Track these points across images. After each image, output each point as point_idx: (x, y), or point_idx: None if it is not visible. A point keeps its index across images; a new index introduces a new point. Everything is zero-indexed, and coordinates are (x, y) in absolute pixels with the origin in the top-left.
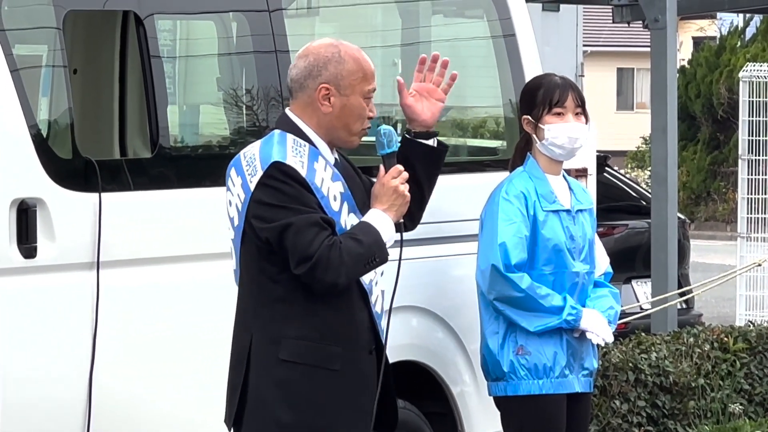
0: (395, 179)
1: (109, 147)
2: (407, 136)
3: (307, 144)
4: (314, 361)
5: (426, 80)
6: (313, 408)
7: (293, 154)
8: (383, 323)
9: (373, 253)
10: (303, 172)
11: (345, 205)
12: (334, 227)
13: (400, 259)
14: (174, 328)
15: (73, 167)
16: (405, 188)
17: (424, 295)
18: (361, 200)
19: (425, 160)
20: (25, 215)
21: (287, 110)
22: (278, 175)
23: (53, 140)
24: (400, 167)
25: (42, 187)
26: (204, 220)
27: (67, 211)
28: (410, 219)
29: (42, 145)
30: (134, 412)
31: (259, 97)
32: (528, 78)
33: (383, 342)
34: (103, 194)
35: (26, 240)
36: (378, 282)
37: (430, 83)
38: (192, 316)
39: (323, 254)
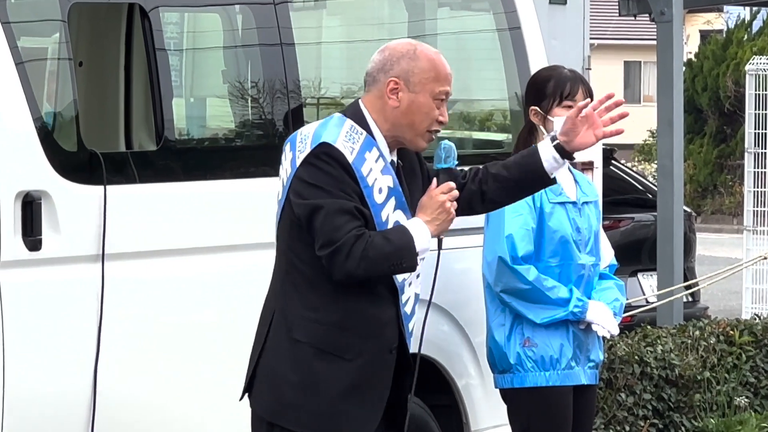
0: (444, 194)
1: (115, 140)
2: (549, 138)
3: (364, 132)
4: (327, 346)
5: (599, 114)
6: (320, 393)
7: (345, 138)
8: (410, 325)
9: (402, 257)
10: (350, 158)
11: (392, 200)
12: (367, 219)
13: (435, 274)
14: (179, 321)
15: (78, 160)
16: (452, 206)
17: (429, 288)
18: (414, 202)
19: (532, 172)
20: (30, 208)
21: (359, 99)
22: (323, 156)
23: (58, 133)
24: (452, 184)
25: (47, 179)
26: (210, 213)
27: (72, 203)
28: (481, 201)
29: (47, 137)
30: (139, 405)
31: (264, 89)
32: (534, 71)
33: (407, 343)
34: (108, 187)
35: (31, 232)
36: (412, 283)
37: (599, 118)
38: (197, 309)
39: (348, 242)
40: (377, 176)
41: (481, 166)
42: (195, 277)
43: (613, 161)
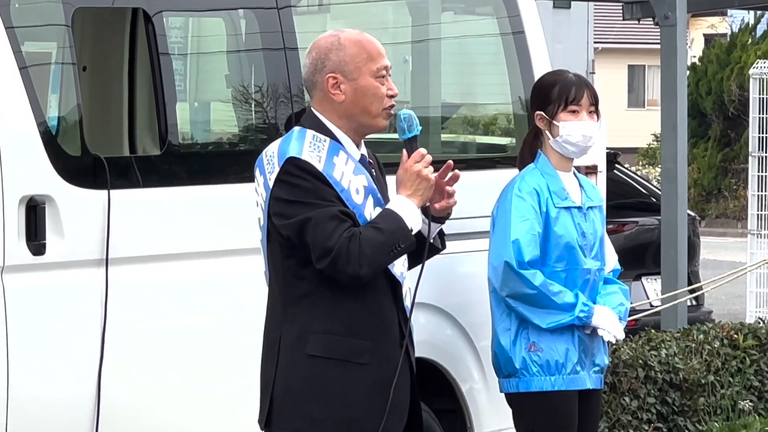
0: (418, 163)
1: (118, 144)
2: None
3: (328, 139)
4: (342, 354)
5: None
6: (343, 402)
7: (310, 149)
8: (412, 318)
9: (397, 239)
10: (320, 166)
11: (370, 199)
12: (354, 219)
13: (425, 252)
14: (183, 326)
15: (82, 164)
16: (429, 171)
17: (433, 293)
18: (385, 197)
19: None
20: (34, 212)
21: (311, 108)
22: (294, 170)
23: (62, 137)
24: (423, 151)
25: (51, 184)
26: (213, 217)
27: (76, 208)
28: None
29: (51, 142)
30: (143, 410)
31: (268, 94)
32: (537, 75)
33: (406, 337)
34: (112, 191)
35: (35, 237)
36: (406, 277)
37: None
38: (201, 314)
39: (342, 246)
40: (351, 178)
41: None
42: (199, 281)
43: (617, 165)
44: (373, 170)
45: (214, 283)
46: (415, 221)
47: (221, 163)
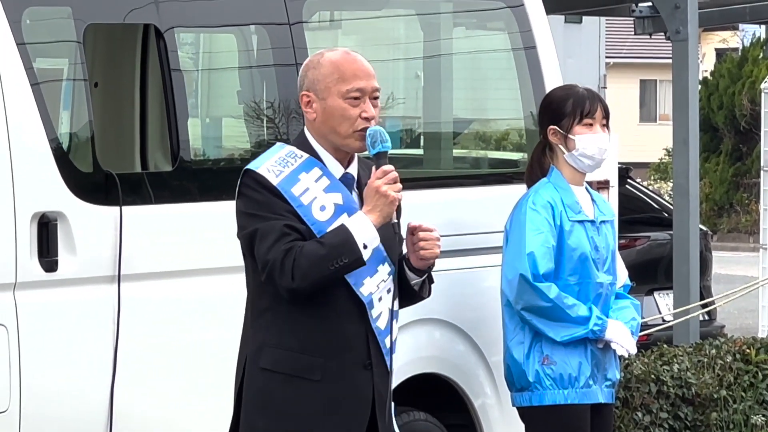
0: (379, 180)
1: (130, 160)
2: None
3: (305, 156)
4: (292, 370)
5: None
6: (290, 417)
7: (275, 163)
8: (386, 341)
9: (340, 254)
10: (275, 181)
11: (343, 217)
12: (302, 234)
13: (395, 272)
14: (195, 341)
15: (94, 180)
16: (388, 188)
17: (446, 308)
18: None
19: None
20: (46, 229)
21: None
22: (249, 182)
23: (74, 154)
24: (386, 168)
25: (63, 200)
26: (225, 234)
27: (88, 224)
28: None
29: (63, 158)
30: (155, 426)
31: (279, 110)
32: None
33: (385, 360)
34: (123, 207)
35: (47, 253)
36: (383, 299)
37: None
38: (213, 330)
39: (277, 258)
40: (318, 195)
41: None
42: (211, 297)
43: (629, 180)
44: (358, 189)
45: (226, 298)
46: (366, 237)
47: (233, 179)
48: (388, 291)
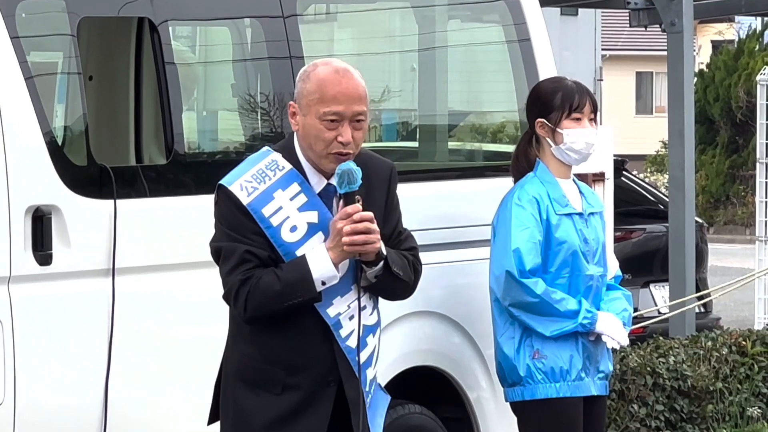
0: (342, 221)
1: (125, 154)
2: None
3: (287, 167)
4: (253, 380)
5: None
6: (246, 425)
7: (251, 178)
8: (362, 356)
9: (295, 292)
10: (246, 200)
11: (318, 236)
12: (263, 261)
13: (359, 298)
14: (190, 335)
15: (88, 174)
16: (348, 230)
17: (441, 301)
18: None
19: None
20: (41, 222)
21: None
22: (222, 195)
23: (68, 147)
24: (351, 208)
25: (57, 194)
26: None
27: (83, 218)
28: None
29: (57, 152)
30: (150, 420)
31: (273, 103)
32: None
33: (357, 376)
34: (118, 201)
35: (41, 247)
36: (354, 317)
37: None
38: (207, 323)
39: (233, 287)
40: (291, 214)
41: None
42: (206, 290)
43: (624, 172)
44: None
45: (221, 292)
46: (324, 274)
47: (227, 172)
48: (363, 308)
